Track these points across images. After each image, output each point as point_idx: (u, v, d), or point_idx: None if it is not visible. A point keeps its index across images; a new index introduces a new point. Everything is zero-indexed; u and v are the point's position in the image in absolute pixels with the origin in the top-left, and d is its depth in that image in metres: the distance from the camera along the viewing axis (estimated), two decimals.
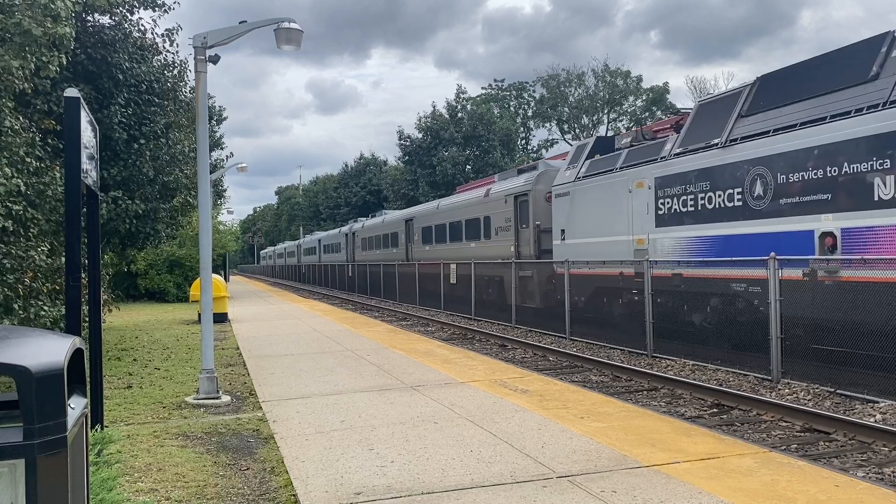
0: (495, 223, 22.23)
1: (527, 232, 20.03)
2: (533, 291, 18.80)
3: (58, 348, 2.59)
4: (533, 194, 19.83)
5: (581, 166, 17.15)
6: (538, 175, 19.93)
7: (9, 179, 8.26)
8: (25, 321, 8.82)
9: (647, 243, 14.07)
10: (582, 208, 16.76)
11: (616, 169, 15.51)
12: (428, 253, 29.07)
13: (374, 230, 39.54)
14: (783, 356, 10.13)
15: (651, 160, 14.29)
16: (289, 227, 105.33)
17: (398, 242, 33.94)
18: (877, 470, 6.45)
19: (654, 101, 68.03)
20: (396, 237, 34.34)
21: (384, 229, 37.01)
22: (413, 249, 31.63)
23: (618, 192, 15.22)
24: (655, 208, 13.94)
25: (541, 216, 19.31)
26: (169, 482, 5.72)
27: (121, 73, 13.48)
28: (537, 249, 19.20)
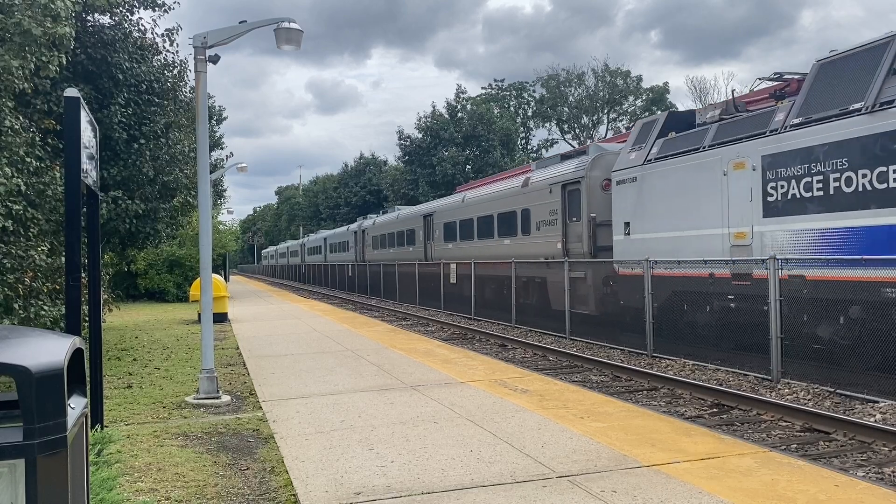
0: (536, 217, 19.42)
1: (578, 226, 17.39)
2: (585, 296, 16.31)
3: (58, 348, 2.59)
4: (587, 182, 16.91)
5: (650, 147, 14.51)
6: (593, 160, 17.08)
7: (9, 179, 8.26)
8: (25, 321, 8.82)
9: (751, 238, 11.54)
10: (654, 197, 14.14)
11: (703, 147, 12.88)
12: (451, 251, 26.25)
13: (387, 227, 36.85)
14: (783, 356, 10.13)
15: (756, 135, 11.63)
16: (288, 227, 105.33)
17: (415, 240, 31.31)
18: (877, 470, 6.45)
19: (654, 100, 68.05)
20: (413, 234, 31.73)
21: (399, 226, 34.37)
22: (433, 247, 28.98)
23: (706, 175, 12.63)
24: (763, 194, 11.32)
25: (596, 207, 16.67)
26: (169, 482, 5.72)
27: (121, 72, 13.49)
28: (592, 246, 16.60)
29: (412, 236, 31.86)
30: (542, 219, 19.21)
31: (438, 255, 27.67)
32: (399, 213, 35.80)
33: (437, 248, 28.44)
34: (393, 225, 35.63)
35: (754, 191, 11.55)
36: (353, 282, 39.25)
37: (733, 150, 12.09)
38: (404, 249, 32.90)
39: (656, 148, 14.41)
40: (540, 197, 19.27)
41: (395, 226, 35.02)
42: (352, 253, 44.62)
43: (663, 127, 14.55)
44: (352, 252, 44.63)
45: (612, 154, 16.88)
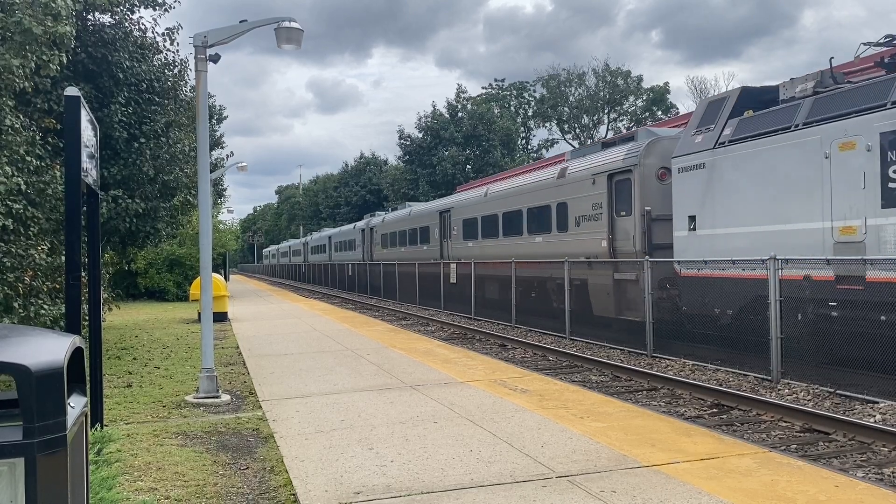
0: (575, 211, 17.30)
1: (627, 221, 15.26)
2: (635, 300, 14.26)
3: (57, 347, 2.59)
4: (640, 171, 14.84)
5: (722, 128, 12.70)
6: (648, 145, 15.00)
7: (9, 178, 8.26)
8: (25, 320, 8.82)
9: (863, 232, 9.77)
10: (727, 186, 12.26)
11: (795, 126, 11.11)
12: (471, 250, 24.03)
13: (397, 224, 34.42)
14: (783, 356, 10.12)
15: (871, 108, 9.90)
16: (289, 227, 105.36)
17: (429, 238, 29.09)
18: (876, 470, 6.45)
19: (654, 101, 68.06)
20: (427, 232, 29.48)
21: (411, 223, 32.01)
22: (450, 246, 26.58)
23: (800, 158, 10.87)
24: (882, 179, 9.52)
25: (651, 199, 14.64)
26: (168, 481, 5.72)
27: (121, 71, 13.49)
28: (646, 244, 14.45)
29: (426, 234, 29.70)
30: (582, 213, 17.09)
31: (456, 255, 25.45)
32: (411, 210, 33.47)
33: (454, 246, 26.12)
34: (404, 222, 33.37)
35: (868, 176, 9.70)
36: (358, 282, 38.00)
37: (839, 127, 10.24)
38: (417, 248, 30.80)
39: (730, 129, 12.48)
40: (580, 189, 17.12)
41: (407, 223, 32.78)
42: (358, 252, 42.66)
43: (736, 105, 12.69)
44: (358, 251, 42.69)
45: (669, 139, 14.97)
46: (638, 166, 14.95)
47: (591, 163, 17.10)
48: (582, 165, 17.61)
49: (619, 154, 15.96)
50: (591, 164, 17.10)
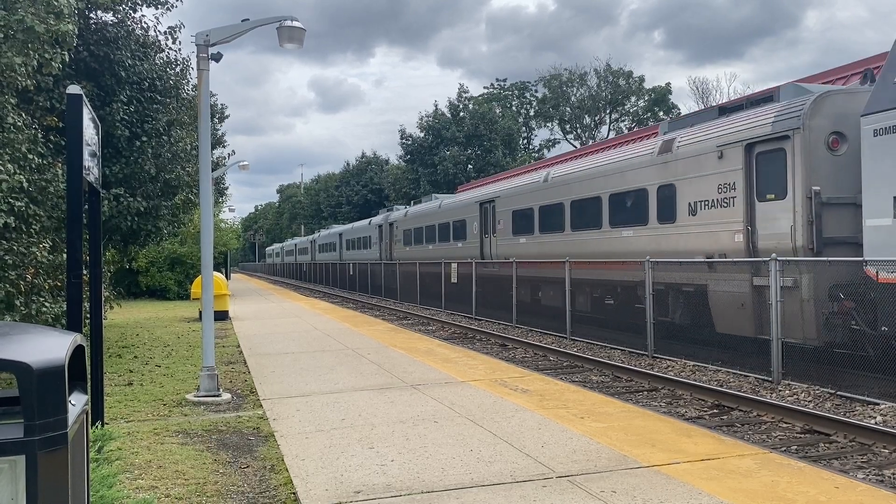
0: (687, 196, 13.45)
1: (778, 207, 11.44)
2: (796, 314, 10.65)
3: (59, 345, 2.59)
4: (803, 137, 10.97)
5: None
6: (815, 102, 11.09)
7: (11, 176, 8.27)
8: (27, 317, 8.83)
9: None
10: None
11: None
12: (525, 247, 19.91)
13: (424, 218, 29.77)
14: (783, 357, 10.11)
15: None
16: (290, 226, 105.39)
17: (466, 234, 24.91)
18: (877, 472, 6.45)
19: (656, 101, 68.05)
20: (463, 227, 25.23)
21: (441, 217, 27.59)
22: (494, 243, 22.26)
23: None
24: None
25: (820, 177, 10.92)
26: (169, 479, 5.72)
27: (123, 70, 13.51)
28: (814, 238, 10.80)
29: (461, 230, 25.38)
30: (699, 198, 13.15)
31: (504, 253, 21.14)
32: (442, 202, 28.89)
33: (500, 243, 21.73)
34: (433, 216, 28.71)
35: None
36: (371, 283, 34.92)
37: None
38: (449, 246, 26.36)
39: None
40: (697, 166, 13.30)
41: (437, 217, 28.15)
42: (374, 250, 38.27)
43: None
44: (375, 249, 38.27)
45: (844, 94, 11.46)
46: (800, 131, 11.07)
47: (717, 131, 13.03)
48: (698, 136, 13.52)
49: (764, 117, 11.99)
50: (715, 132, 13.07)
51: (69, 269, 6.00)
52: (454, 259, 24.39)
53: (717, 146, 12.80)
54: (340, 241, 49.15)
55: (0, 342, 2.48)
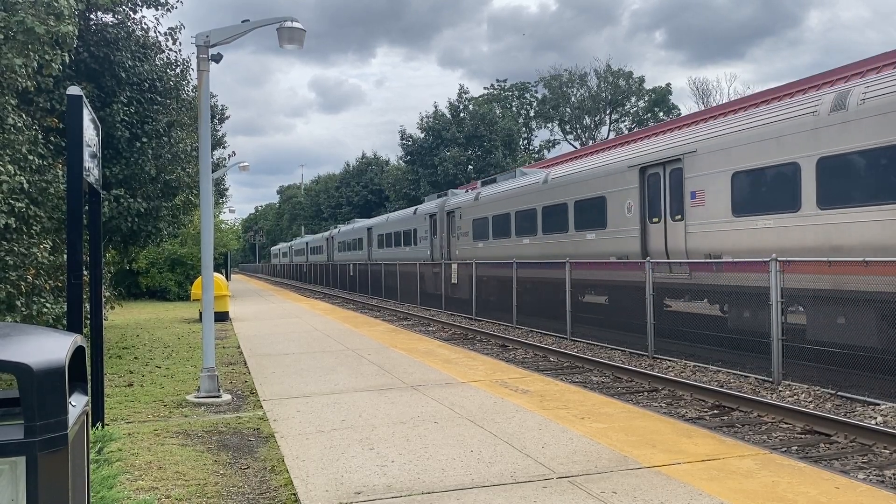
0: None
1: None
2: None
3: (59, 346, 2.59)
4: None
5: None
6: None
7: (11, 177, 8.27)
8: (28, 318, 8.83)
9: None
10: None
11: None
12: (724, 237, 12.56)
13: (512, 201, 21.30)
14: (784, 358, 10.11)
15: None
16: (290, 227, 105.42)
17: (604, 220, 16.24)
18: (877, 472, 6.45)
19: (656, 101, 68.05)
20: (598, 210, 16.54)
21: (548, 196, 19.02)
22: (688, 232, 13.43)
23: None
24: None
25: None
26: (169, 480, 5.72)
27: (123, 71, 13.51)
28: None
29: (594, 214, 16.69)
30: None
31: (711, 246, 12.81)
32: (549, 174, 19.53)
33: (699, 228, 13.13)
34: (528, 196, 20.15)
35: None
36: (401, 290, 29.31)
37: None
38: (566, 239, 17.89)
39: None
40: None
41: (538, 197, 19.58)
42: (422, 248, 29.82)
43: None
44: (422, 246, 29.80)
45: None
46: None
47: None
48: None
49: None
50: None
51: (69, 270, 6.00)
52: (587, 258, 16.28)
53: None
54: (369, 237, 39.95)
55: (0, 343, 2.48)
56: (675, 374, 11.25)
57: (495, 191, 23.14)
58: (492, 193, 23.24)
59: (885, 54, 15.72)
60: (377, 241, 38.26)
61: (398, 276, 29.73)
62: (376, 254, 37.99)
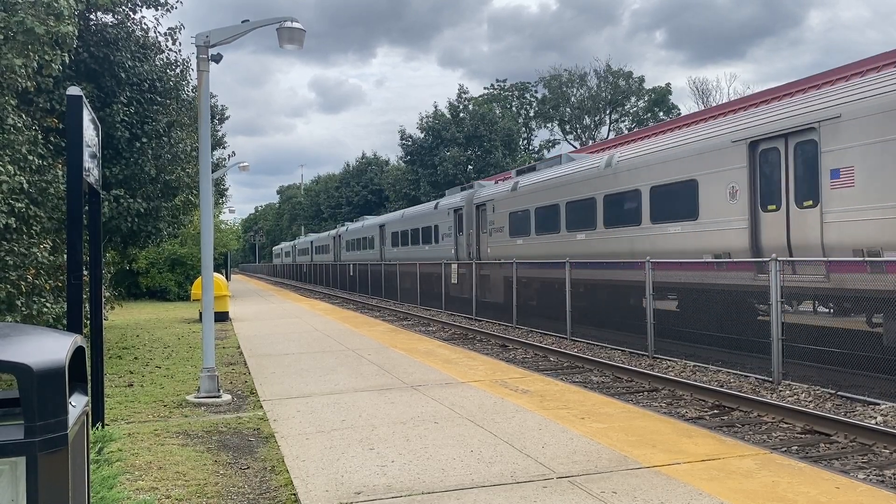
0: None
1: None
2: None
3: (59, 346, 2.59)
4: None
5: None
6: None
7: (11, 177, 8.27)
8: (28, 318, 8.83)
9: None
10: None
11: None
12: None
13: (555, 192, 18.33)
14: (784, 357, 10.11)
15: None
16: (290, 227, 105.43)
17: (694, 209, 13.41)
18: (877, 472, 6.44)
19: (655, 101, 68.04)
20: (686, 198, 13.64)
21: (611, 184, 15.94)
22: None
23: None
24: None
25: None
26: (169, 480, 5.72)
27: (123, 71, 13.51)
28: None
29: (685, 202, 13.65)
30: None
31: (864, 239, 10.21)
32: (613, 156, 16.23)
33: (864, 216, 10.16)
34: (583, 185, 16.93)
35: None
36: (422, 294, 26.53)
37: None
38: (637, 234, 15.01)
39: None
40: None
41: (597, 184, 16.41)
42: (445, 246, 26.52)
43: None
44: (445, 244, 26.43)
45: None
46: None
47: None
48: None
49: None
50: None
51: (69, 270, 6.00)
52: (669, 256, 13.52)
53: None
54: (382, 236, 36.89)
55: (0, 343, 2.48)
56: (675, 374, 11.25)
57: (537, 179, 19.77)
58: (534, 182, 19.80)
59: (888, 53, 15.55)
60: (391, 240, 35.13)
61: (418, 277, 26.80)
62: (390, 253, 34.98)
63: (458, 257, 24.98)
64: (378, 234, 37.67)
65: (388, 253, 35.14)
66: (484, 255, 22.66)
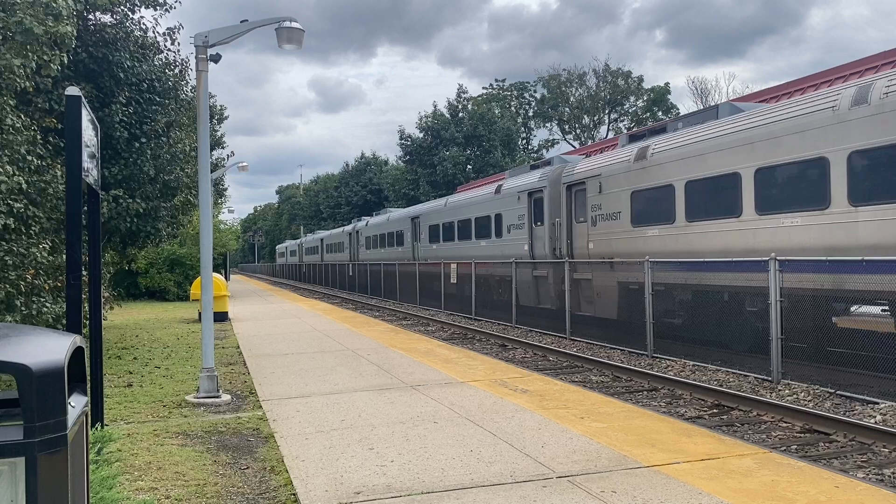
0: None
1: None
2: None
3: (58, 347, 2.59)
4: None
5: None
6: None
7: (10, 177, 8.26)
8: (27, 318, 8.83)
9: None
10: None
11: None
12: None
13: (731, 157, 12.30)
14: (783, 357, 10.12)
15: None
16: (289, 227, 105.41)
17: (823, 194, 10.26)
18: (877, 471, 6.45)
19: (654, 101, 68.06)
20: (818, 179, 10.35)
21: (831, 138, 10.31)
22: None
23: None
24: None
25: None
26: (169, 481, 5.72)
27: (122, 71, 13.50)
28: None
29: None
30: None
31: None
32: (872, 92, 9.89)
33: None
34: (794, 141, 11.03)
35: None
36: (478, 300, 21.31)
37: None
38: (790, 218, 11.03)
39: None
40: None
41: (818, 140, 10.60)
42: (513, 240, 20.47)
43: None
44: (513, 238, 20.45)
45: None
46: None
47: None
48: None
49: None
50: None
51: (69, 271, 6.00)
52: None
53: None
54: (416, 230, 30.62)
55: (0, 344, 2.48)
56: (675, 374, 11.26)
57: (691, 138, 13.41)
58: (685, 143, 13.56)
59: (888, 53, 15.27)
60: (428, 234, 28.66)
61: (472, 281, 21.07)
62: (426, 250, 28.68)
63: (533, 255, 19.22)
64: (410, 229, 31.35)
65: (424, 250, 29.08)
66: (581, 252, 17.10)
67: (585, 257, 16.77)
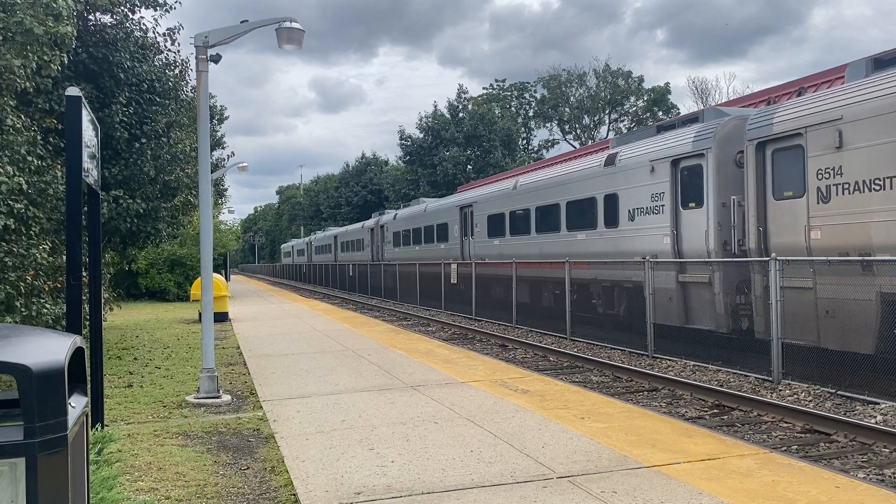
0: None
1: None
2: None
3: (58, 347, 2.59)
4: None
5: None
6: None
7: (10, 178, 8.26)
8: (27, 319, 8.83)
9: None
10: None
11: None
12: None
13: None
14: (784, 357, 10.12)
15: None
16: (289, 227, 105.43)
17: None
18: (877, 471, 6.45)
19: (655, 101, 68.06)
20: None
21: None
22: None
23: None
24: None
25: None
26: (169, 481, 5.72)
27: (122, 72, 13.51)
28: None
29: None
30: None
31: None
32: None
33: None
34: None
35: None
36: None
37: None
38: None
39: None
40: None
41: None
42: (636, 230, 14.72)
43: None
44: (638, 227, 14.65)
45: None
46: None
47: None
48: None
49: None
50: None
51: (69, 271, 6.00)
52: None
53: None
54: (466, 222, 24.90)
55: (0, 344, 2.48)
56: (675, 374, 11.25)
57: None
58: None
59: None
60: (487, 226, 22.70)
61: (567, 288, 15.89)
62: (483, 247, 22.94)
63: (680, 251, 13.54)
64: (459, 221, 25.35)
65: (481, 247, 23.13)
66: (786, 244, 11.04)
67: (797, 252, 10.64)
